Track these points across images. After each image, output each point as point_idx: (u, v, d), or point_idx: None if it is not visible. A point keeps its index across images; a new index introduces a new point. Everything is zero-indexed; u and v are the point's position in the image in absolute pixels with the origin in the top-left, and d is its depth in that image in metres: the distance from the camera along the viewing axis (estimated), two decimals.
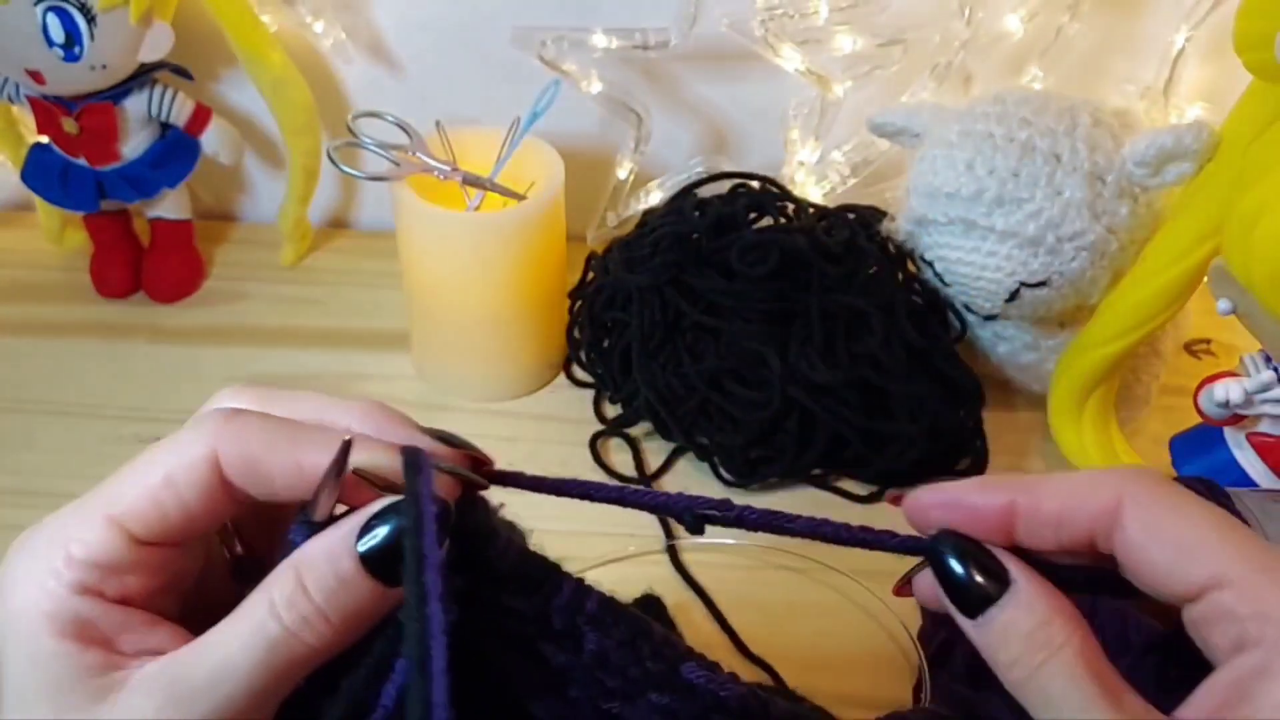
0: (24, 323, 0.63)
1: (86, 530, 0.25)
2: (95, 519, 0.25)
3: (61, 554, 0.25)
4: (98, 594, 0.25)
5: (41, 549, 0.25)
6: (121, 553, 0.25)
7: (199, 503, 0.25)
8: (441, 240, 0.55)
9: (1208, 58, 0.63)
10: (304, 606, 0.24)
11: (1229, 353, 0.63)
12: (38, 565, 0.25)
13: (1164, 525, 0.25)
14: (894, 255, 0.58)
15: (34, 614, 0.24)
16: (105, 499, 0.25)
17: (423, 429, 0.27)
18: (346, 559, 0.24)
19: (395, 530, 0.24)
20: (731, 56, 0.64)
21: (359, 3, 0.65)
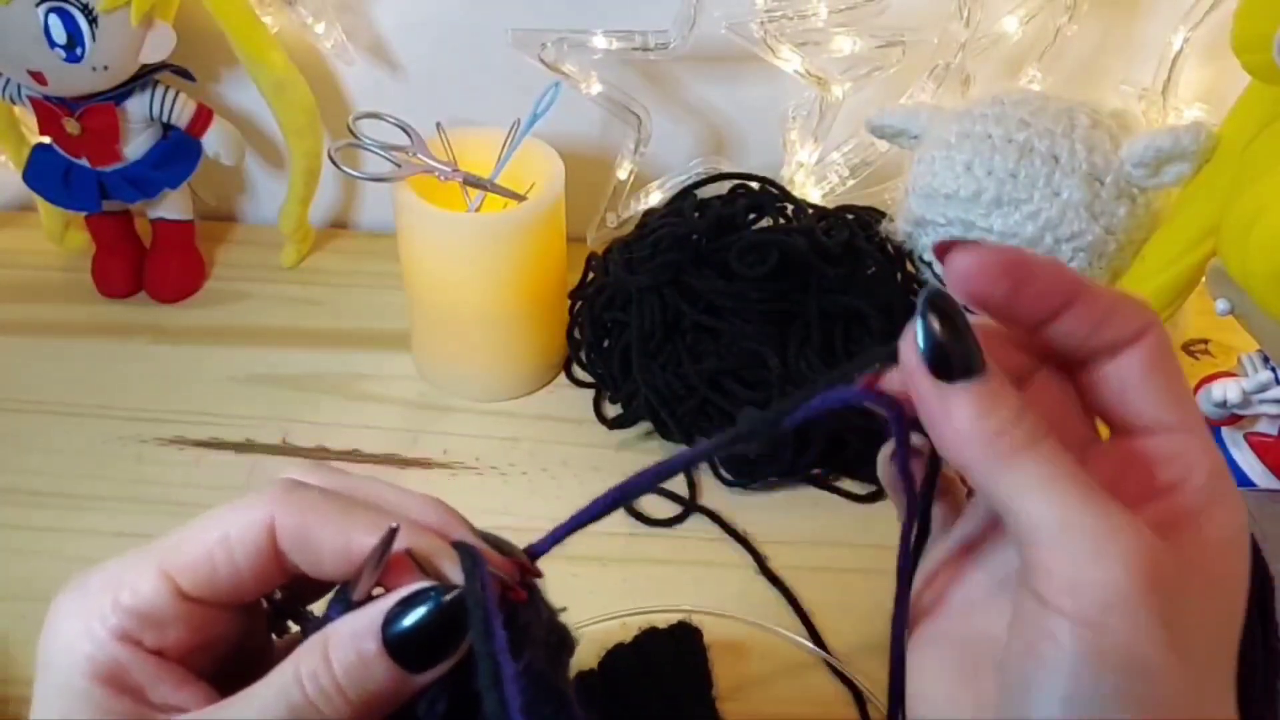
0: (26, 323, 0.63)
1: (138, 578, 0.25)
2: (148, 569, 0.25)
3: (110, 599, 0.25)
4: (136, 643, 0.25)
5: (94, 590, 0.26)
6: (167, 605, 0.25)
7: (250, 566, 0.26)
8: (442, 241, 0.55)
9: (1206, 59, 0.63)
10: (325, 680, 0.24)
11: (1227, 353, 0.63)
12: (88, 605, 0.25)
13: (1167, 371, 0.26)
14: (893, 256, 0.58)
15: (74, 653, 0.25)
16: (162, 551, 0.26)
17: (476, 531, 0.28)
18: (370, 640, 0.24)
19: (421, 617, 0.24)
20: (731, 58, 0.64)
21: (360, 4, 0.65)
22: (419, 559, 0.25)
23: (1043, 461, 0.24)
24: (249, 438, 0.57)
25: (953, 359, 0.24)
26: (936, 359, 0.24)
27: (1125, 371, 0.26)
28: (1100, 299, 0.26)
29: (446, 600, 0.24)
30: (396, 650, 0.24)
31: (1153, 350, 0.26)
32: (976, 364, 0.24)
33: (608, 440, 0.58)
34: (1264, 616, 0.38)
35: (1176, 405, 0.26)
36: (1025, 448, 0.24)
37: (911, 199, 0.55)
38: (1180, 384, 0.27)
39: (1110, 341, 0.26)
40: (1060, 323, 0.26)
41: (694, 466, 0.28)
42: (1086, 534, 0.23)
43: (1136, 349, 0.26)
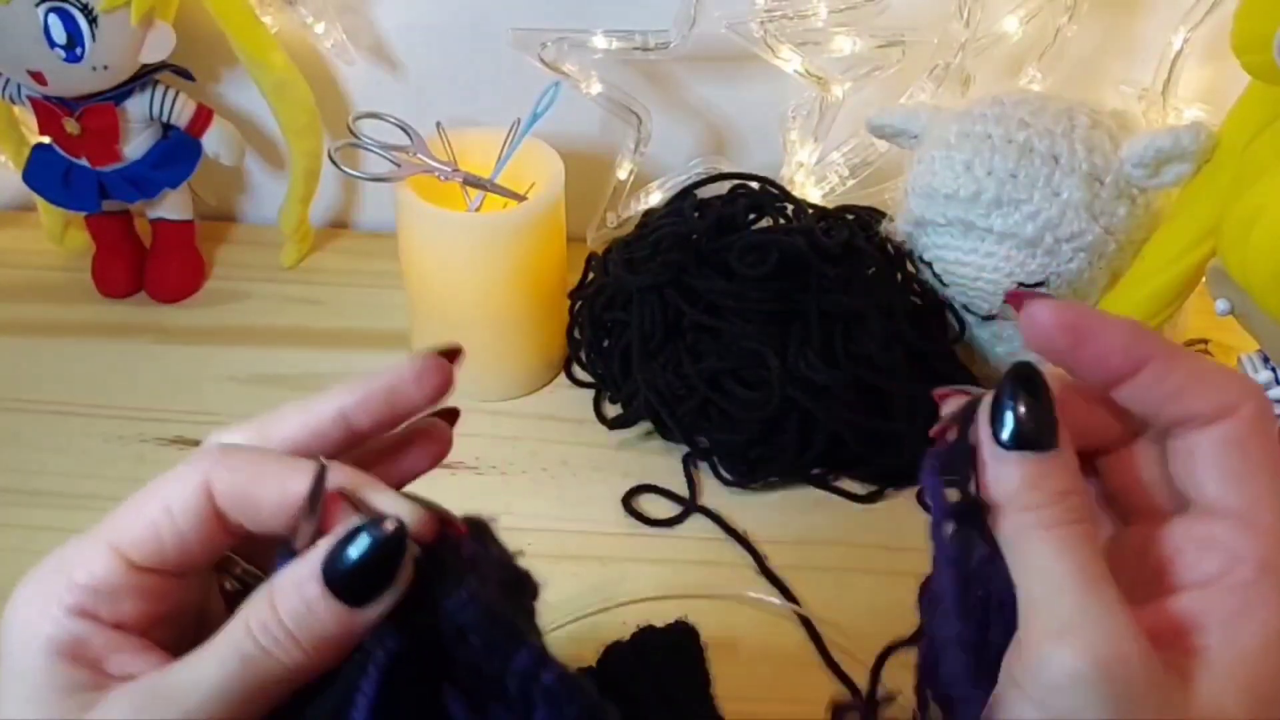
0: (26, 323, 0.63)
1: (89, 556, 0.26)
2: (98, 546, 0.26)
3: (65, 579, 0.26)
4: (94, 617, 0.26)
5: (48, 574, 0.26)
6: (119, 578, 0.26)
7: (194, 532, 0.26)
8: (442, 241, 0.55)
9: (1206, 59, 0.63)
10: (275, 628, 0.24)
11: (1227, 353, 0.63)
12: (43, 589, 0.26)
13: (1246, 453, 0.25)
14: (893, 256, 0.58)
15: (33, 634, 0.25)
16: (108, 528, 0.27)
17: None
18: (312, 582, 0.24)
19: (360, 553, 0.24)
20: (731, 58, 0.64)
21: (360, 4, 0.65)
22: (352, 498, 0.26)
23: (1060, 547, 0.24)
24: None
25: (1024, 435, 0.25)
26: (1002, 429, 0.25)
27: (1198, 445, 0.26)
28: (1175, 369, 0.25)
29: (380, 532, 0.24)
30: (338, 588, 0.24)
31: (1236, 430, 0.25)
32: (1046, 441, 0.25)
33: (608, 440, 0.58)
34: None
35: (1241, 489, 0.25)
36: (1051, 527, 0.24)
37: (911, 199, 0.55)
38: (1259, 470, 0.25)
39: (1185, 415, 0.26)
40: (1127, 388, 0.26)
41: None
42: (1063, 617, 0.23)
43: (1218, 426, 0.25)
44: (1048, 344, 0.26)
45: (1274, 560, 0.24)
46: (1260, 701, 0.24)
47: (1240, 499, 0.25)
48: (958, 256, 0.54)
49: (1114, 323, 0.26)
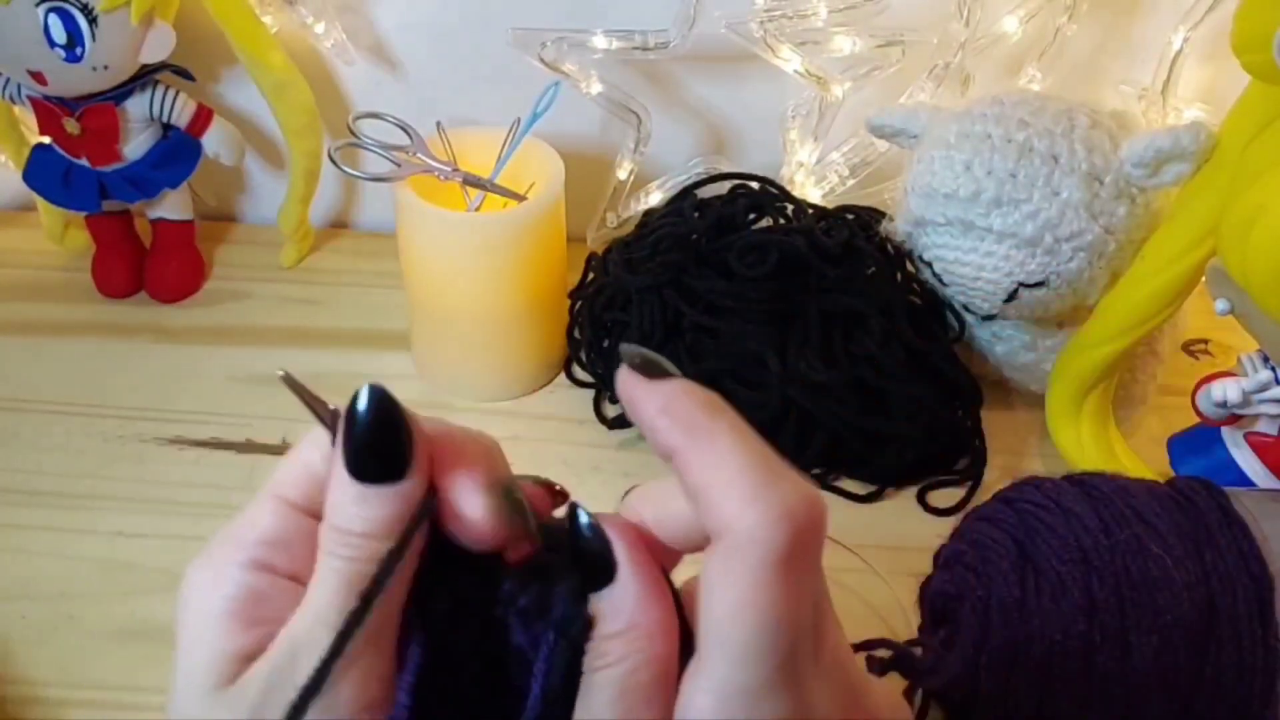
0: (26, 323, 0.63)
1: (254, 514, 0.26)
2: (260, 501, 0.27)
3: (233, 542, 0.26)
4: (270, 569, 0.26)
5: (216, 544, 0.26)
6: (288, 524, 0.26)
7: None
8: (442, 241, 0.55)
9: (1206, 59, 0.63)
10: (339, 537, 0.25)
11: (1227, 353, 0.64)
12: (214, 557, 0.26)
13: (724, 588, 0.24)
14: (892, 256, 0.58)
15: (211, 600, 0.25)
16: (270, 482, 0.27)
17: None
18: (342, 481, 0.25)
19: (362, 421, 0.27)
20: (731, 57, 0.64)
21: (360, 4, 0.65)
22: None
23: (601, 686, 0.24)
24: (249, 438, 0.57)
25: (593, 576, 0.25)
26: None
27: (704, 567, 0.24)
28: (693, 472, 0.23)
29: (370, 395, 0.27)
30: (360, 471, 0.25)
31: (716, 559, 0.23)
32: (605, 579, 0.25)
33: (608, 440, 0.58)
34: (1264, 616, 0.38)
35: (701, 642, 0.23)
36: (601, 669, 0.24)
37: (911, 199, 0.55)
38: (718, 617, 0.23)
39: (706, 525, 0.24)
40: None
41: None
42: None
43: (711, 552, 0.23)
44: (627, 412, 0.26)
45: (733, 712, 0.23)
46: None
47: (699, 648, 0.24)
48: (957, 256, 0.53)
49: (650, 400, 0.24)
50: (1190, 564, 0.39)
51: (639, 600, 0.25)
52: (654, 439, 0.24)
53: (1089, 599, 0.38)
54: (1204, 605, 0.38)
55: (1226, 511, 0.40)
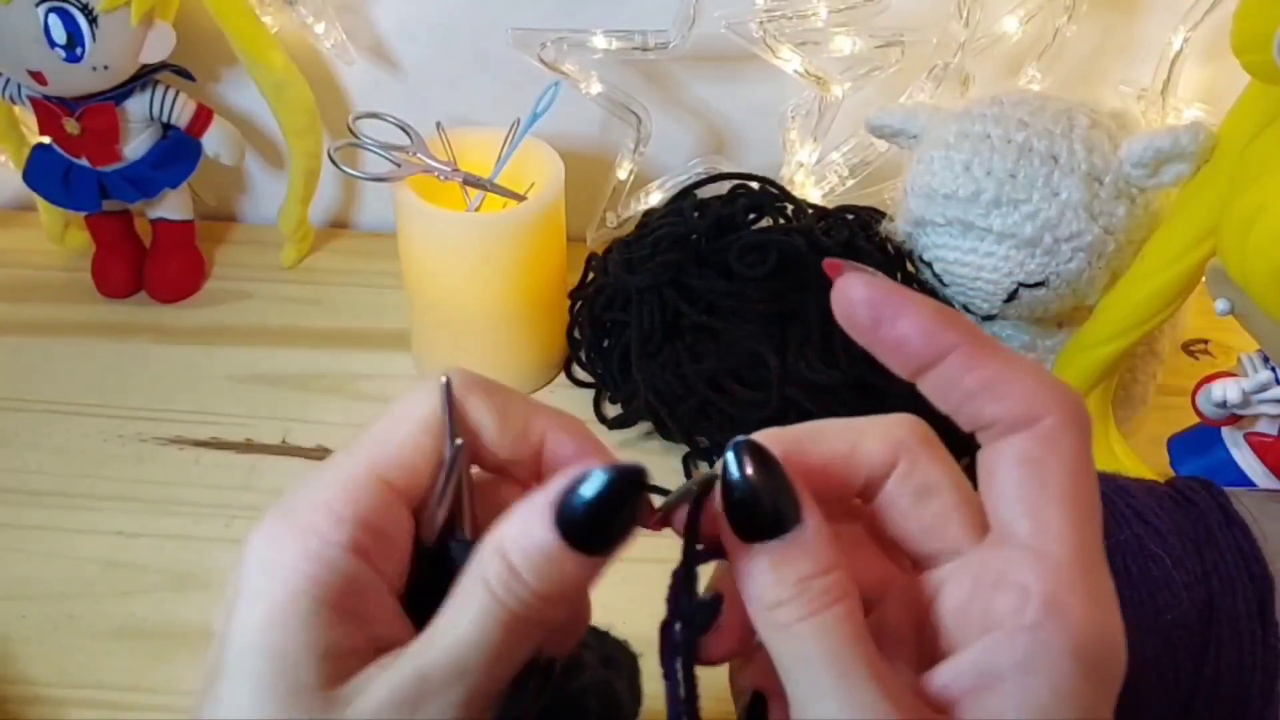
0: (26, 323, 0.63)
1: (355, 489, 0.23)
2: (363, 475, 0.23)
3: (327, 515, 0.22)
4: (369, 559, 0.22)
5: (304, 511, 0.22)
6: (391, 512, 0.23)
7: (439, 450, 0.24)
8: (442, 241, 0.55)
9: (1205, 59, 0.63)
10: (518, 585, 0.22)
11: (1227, 353, 0.64)
12: (300, 525, 0.22)
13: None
14: (892, 256, 0.58)
15: (295, 577, 0.22)
16: (369, 452, 0.24)
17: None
18: (547, 531, 0.22)
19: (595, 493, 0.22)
20: (730, 58, 0.64)
21: (360, 4, 0.65)
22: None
23: (809, 645, 0.22)
24: (249, 438, 0.57)
25: (754, 522, 0.23)
26: (739, 522, 0.23)
27: (994, 461, 0.23)
28: (978, 365, 0.23)
29: (616, 471, 0.22)
30: (573, 533, 0.22)
31: (1031, 444, 0.23)
32: (783, 524, 0.23)
33: (608, 440, 0.58)
34: (1264, 616, 0.38)
35: (1032, 513, 0.22)
36: (796, 622, 0.22)
37: (911, 199, 0.55)
38: (1052, 492, 0.23)
39: (981, 420, 0.23)
40: (929, 379, 0.24)
41: None
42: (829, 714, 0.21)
43: (1014, 439, 0.23)
44: (849, 319, 0.24)
45: (1060, 597, 0.22)
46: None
47: (1030, 525, 0.23)
48: (957, 256, 0.53)
49: (919, 306, 0.23)
50: (1190, 564, 0.39)
51: (833, 544, 0.23)
52: (929, 338, 0.23)
53: None
54: (1204, 605, 0.38)
55: (1226, 511, 0.40)
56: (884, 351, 0.24)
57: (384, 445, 0.24)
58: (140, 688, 0.45)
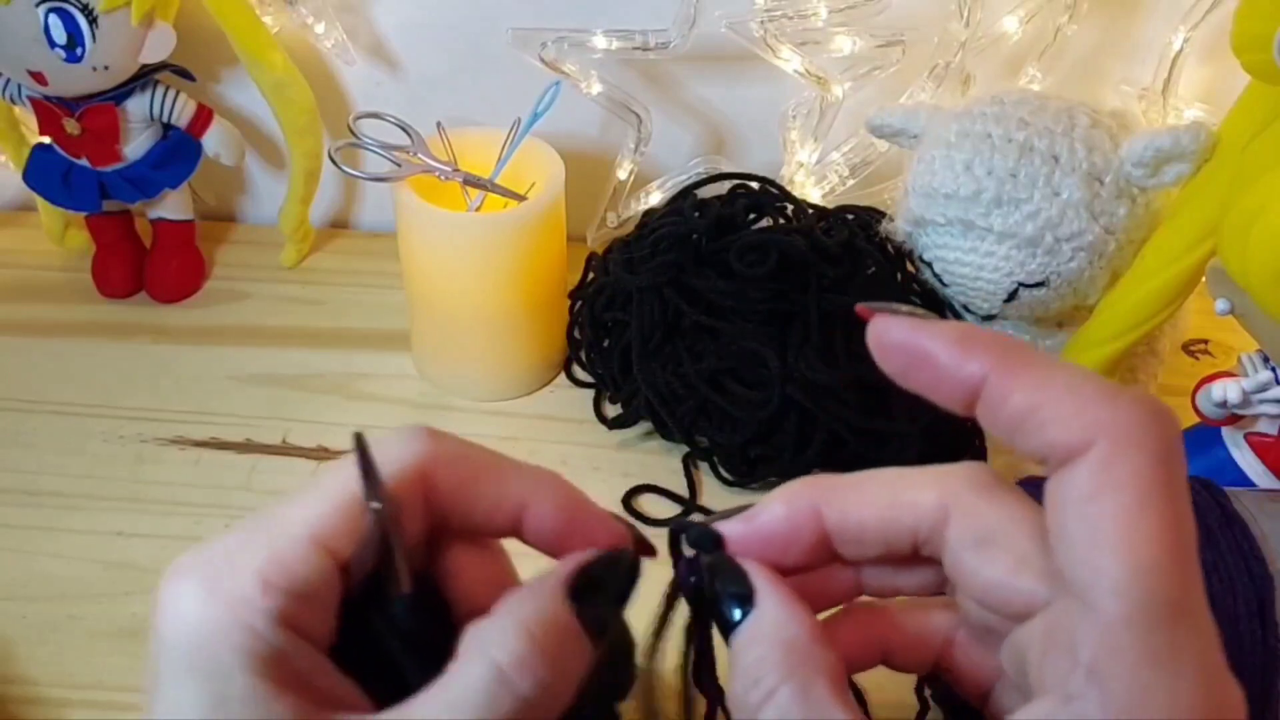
0: (25, 323, 0.63)
1: (285, 551, 0.22)
2: (299, 538, 0.22)
3: (255, 578, 0.21)
4: (297, 629, 0.21)
5: (232, 568, 0.21)
6: (325, 579, 0.22)
7: (406, 518, 0.23)
8: (442, 241, 0.55)
9: (1206, 59, 0.63)
10: (538, 667, 0.21)
11: (1227, 353, 0.64)
12: (226, 587, 0.21)
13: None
14: (893, 256, 0.58)
15: (224, 646, 0.21)
16: (304, 516, 0.22)
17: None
18: (568, 615, 0.22)
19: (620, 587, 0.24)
20: (731, 57, 0.64)
21: (360, 4, 0.65)
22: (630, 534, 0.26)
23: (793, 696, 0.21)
24: (249, 438, 0.57)
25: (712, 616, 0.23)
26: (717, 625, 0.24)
27: (1050, 499, 0.20)
28: (1014, 391, 0.20)
29: (632, 562, 0.24)
30: (591, 622, 0.23)
31: (1083, 475, 0.19)
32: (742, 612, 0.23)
33: (608, 440, 0.58)
34: (1264, 616, 0.38)
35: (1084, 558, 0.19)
36: (764, 701, 0.21)
37: (911, 199, 0.55)
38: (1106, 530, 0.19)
39: (1037, 452, 0.21)
40: (981, 415, 0.22)
41: None
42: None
43: (1068, 471, 0.20)
44: (886, 366, 0.23)
45: (1102, 664, 0.19)
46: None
47: (1084, 576, 0.19)
48: (958, 256, 0.53)
49: (942, 337, 0.22)
50: None
51: (792, 613, 0.23)
52: (956, 373, 0.21)
53: None
54: None
55: (1226, 511, 0.40)
56: (928, 394, 0.22)
57: (327, 510, 0.23)
58: (140, 688, 0.45)
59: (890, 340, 0.23)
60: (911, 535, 0.23)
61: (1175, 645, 0.19)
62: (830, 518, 0.23)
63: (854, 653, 0.25)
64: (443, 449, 0.24)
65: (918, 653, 0.25)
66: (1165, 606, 0.19)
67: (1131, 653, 0.19)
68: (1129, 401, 0.20)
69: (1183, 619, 0.19)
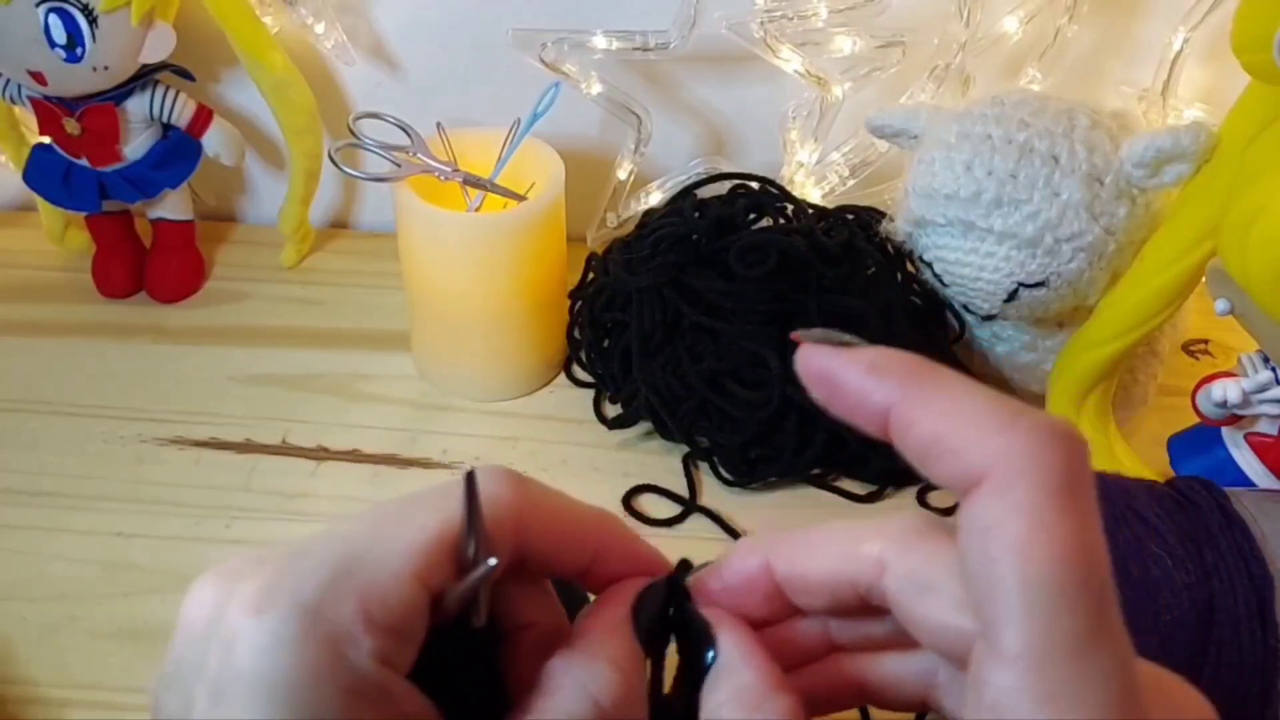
0: (26, 323, 0.63)
1: (391, 588, 0.21)
2: (400, 576, 0.21)
3: (356, 615, 0.21)
4: (389, 663, 0.21)
5: (325, 607, 0.20)
6: (421, 614, 0.22)
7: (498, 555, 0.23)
8: (442, 241, 0.55)
9: (1206, 59, 0.63)
10: (629, 704, 0.23)
11: (1227, 353, 0.64)
12: (321, 626, 0.20)
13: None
14: (893, 256, 0.58)
15: (325, 688, 0.20)
16: (405, 551, 0.22)
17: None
18: (640, 651, 0.24)
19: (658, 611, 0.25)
20: (731, 58, 0.64)
21: (360, 4, 0.65)
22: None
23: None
24: (249, 438, 0.57)
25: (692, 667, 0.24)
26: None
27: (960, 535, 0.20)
28: (918, 420, 0.21)
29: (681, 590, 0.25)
30: (647, 643, 0.24)
31: (981, 508, 0.19)
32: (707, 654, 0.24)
33: (608, 440, 0.58)
34: (1263, 616, 0.38)
35: (986, 600, 0.19)
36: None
37: (911, 199, 0.55)
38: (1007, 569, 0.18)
39: (941, 483, 0.20)
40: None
41: None
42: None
43: (967, 505, 0.19)
44: (815, 395, 0.23)
45: (1005, 705, 0.18)
46: None
47: (983, 609, 0.19)
48: (958, 256, 0.53)
49: (853, 367, 0.22)
50: (1190, 564, 0.39)
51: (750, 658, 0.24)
52: (865, 402, 0.21)
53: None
54: (1204, 605, 0.38)
55: (1226, 511, 0.40)
56: (851, 423, 0.23)
57: (426, 545, 0.22)
58: (140, 688, 0.45)
59: (810, 370, 0.23)
60: (853, 587, 0.24)
61: (1078, 679, 0.18)
62: (779, 570, 0.24)
63: (830, 695, 0.26)
64: (531, 496, 0.25)
65: (900, 694, 0.25)
66: (1064, 640, 0.18)
67: (1028, 693, 0.18)
68: (1025, 428, 0.19)
69: (1087, 650, 0.18)
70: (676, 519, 0.54)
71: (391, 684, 0.21)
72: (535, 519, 0.25)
